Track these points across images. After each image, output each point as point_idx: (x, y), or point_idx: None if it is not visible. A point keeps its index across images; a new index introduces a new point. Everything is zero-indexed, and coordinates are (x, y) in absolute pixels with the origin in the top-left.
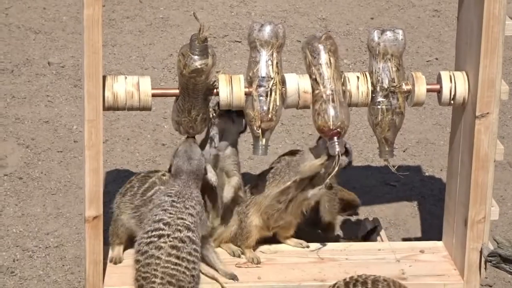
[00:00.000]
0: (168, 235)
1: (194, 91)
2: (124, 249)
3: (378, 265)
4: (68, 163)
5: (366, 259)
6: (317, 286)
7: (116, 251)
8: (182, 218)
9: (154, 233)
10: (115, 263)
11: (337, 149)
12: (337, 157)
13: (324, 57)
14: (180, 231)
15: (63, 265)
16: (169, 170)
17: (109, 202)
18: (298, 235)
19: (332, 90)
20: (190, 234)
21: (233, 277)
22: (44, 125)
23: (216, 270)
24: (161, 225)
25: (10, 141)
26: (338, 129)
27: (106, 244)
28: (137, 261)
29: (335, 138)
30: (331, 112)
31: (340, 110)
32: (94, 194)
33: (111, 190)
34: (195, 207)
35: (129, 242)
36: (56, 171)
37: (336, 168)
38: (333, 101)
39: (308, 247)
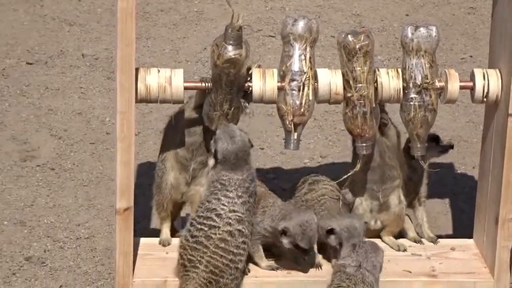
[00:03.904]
0: (219, 227)
1: (227, 83)
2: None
3: (408, 262)
4: (100, 154)
5: (396, 255)
6: None
7: None
8: (234, 211)
9: (205, 221)
10: None
11: (364, 152)
12: (359, 160)
13: (359, 61)
14: (230, 224)
15: (93, 257)
16: (215, 157)
17: (140, 194)
18: None
19: (363, 96)
20: (240, 227)
21: (274, 268)
22: (77, 117)
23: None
24: (213, 216)
25: (43, 132)
26: (366, 135)
27: (137, 236)
28: (186, 240)
29: (363, 142)
30: (361, 118)
31: (370, 117)
32: (125, 186)
33: (143, 182)
34: (248, 189)
35: None
36: (88, 163)
37: (358, 167)
38: (363, 106)
39: (405, 250)
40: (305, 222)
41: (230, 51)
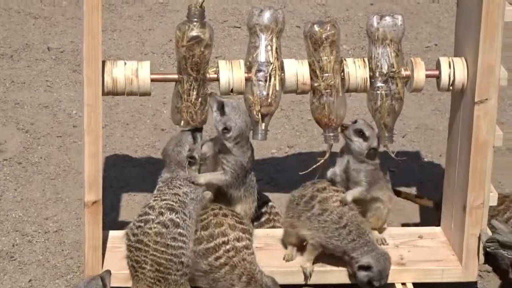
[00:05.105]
0: (153, 220)
1: (192, 66)
2: None
3: None
4: (68, 148)
5: None
6: (317, 271)
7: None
8: (165, 200)
9: (142, 217)
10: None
11: (331, 142)
12: (328, 149)
13: (325, 51)
14: (162, 214)
15: (62, 250)
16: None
17: (108, 187)
18: None
19: (330, 85)
20: (173, 216)
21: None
22: (43, 110)
23: None
24: (147, 209)
25: (9, 126)
26: (334, 124)
27: (105, 229)
28: (128, 239)
29: (331, 132)
30: (328, 107)
31: (338, 106)
32: (94, 179)
33: (111, 175)
34: (180, 187)
35: None
36: (56, 156)
37: (327, 156)
38: (330, 95)
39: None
40: None
41: (194, 29)
